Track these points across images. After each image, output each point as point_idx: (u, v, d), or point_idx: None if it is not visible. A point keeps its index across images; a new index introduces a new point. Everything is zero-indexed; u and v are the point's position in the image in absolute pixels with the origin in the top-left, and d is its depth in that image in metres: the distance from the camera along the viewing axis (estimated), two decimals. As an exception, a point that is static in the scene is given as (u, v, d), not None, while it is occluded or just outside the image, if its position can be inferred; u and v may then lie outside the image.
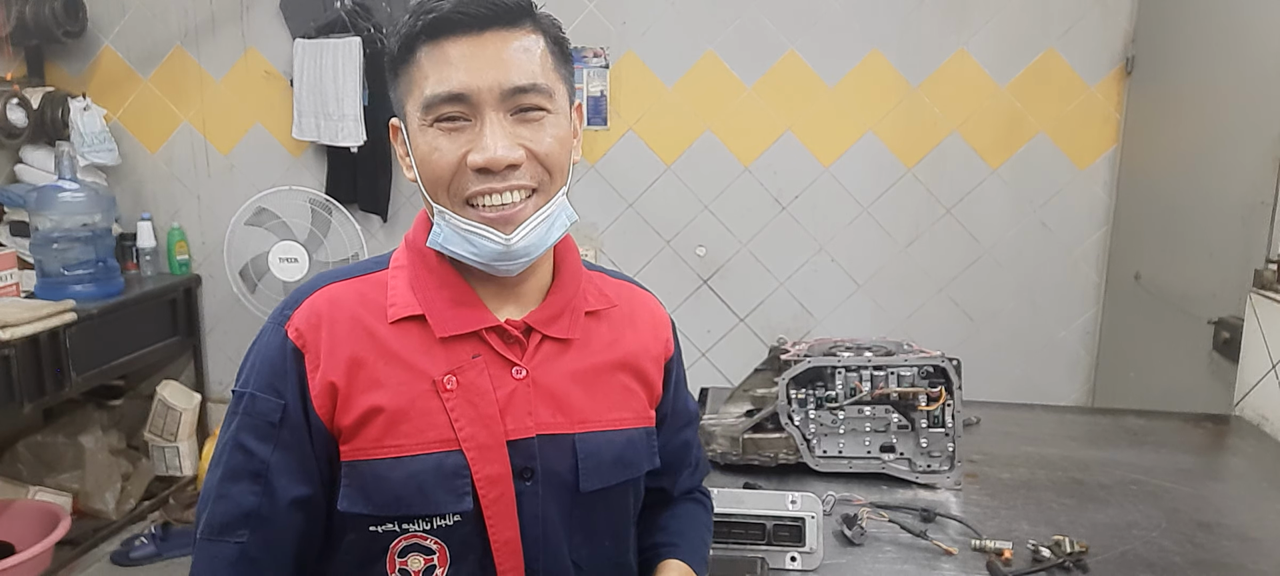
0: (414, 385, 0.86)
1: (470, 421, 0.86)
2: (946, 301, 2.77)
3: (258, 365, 0.87)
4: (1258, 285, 1.70)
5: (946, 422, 1.30)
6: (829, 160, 2.73)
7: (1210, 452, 1.53)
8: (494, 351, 0.89)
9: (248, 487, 0.85)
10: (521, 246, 0.85)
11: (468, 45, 0.82)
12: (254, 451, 0.85)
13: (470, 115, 0.83)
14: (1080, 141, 2.62)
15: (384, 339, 0.87)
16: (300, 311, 0.88)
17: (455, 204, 0.85)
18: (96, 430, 2.84)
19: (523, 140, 0.84)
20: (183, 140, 2.98)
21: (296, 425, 0.86)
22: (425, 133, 0.84)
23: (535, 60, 0.85)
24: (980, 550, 1.11)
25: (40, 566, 2.38)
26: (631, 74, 2.75)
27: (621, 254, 2.85)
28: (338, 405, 0.86)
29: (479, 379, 0.87)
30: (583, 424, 0.91)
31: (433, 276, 0.90)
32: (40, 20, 2.70)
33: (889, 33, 2.63)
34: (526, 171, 0.84)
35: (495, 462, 0.87)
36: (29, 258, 2.66)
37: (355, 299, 0.89)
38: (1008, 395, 2.44)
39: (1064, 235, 2.68)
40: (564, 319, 0.93)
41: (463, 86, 0.82)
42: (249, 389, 0.87)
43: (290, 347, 0.86)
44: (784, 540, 1.08)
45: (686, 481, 1.08)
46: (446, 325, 0.88)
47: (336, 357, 0.86)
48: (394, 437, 0.85)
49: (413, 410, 0.86)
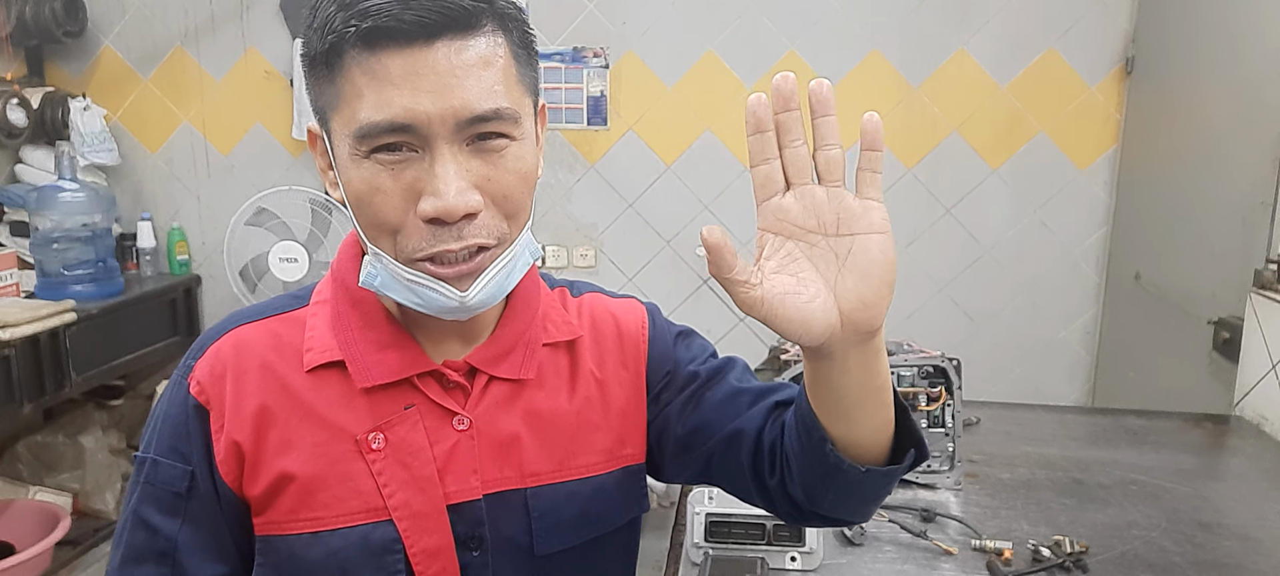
0: (332, 446, 0.74)
1: (402, 486, 0.74)
2: (946, 301, 2.77)
3: (160, 425, 0.75)
4: (1258, 285, 1.70)
5: (946, 422, 1.30)
6: (829, 160, 2.73)
7: (1210, 452, 1.53)
8: (430, 400, 0.76)
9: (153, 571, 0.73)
10: (477, 301, 0.70)
11: (413, 59, 0.64)
12: (159, 527, 0.73)
13: (417, 146, 0.66)
14: (1080, 141, 2.62)
15: (297, 390, 0.74)
16: (203, 361, 0.75)
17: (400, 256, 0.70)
18: (96, 430, 2.84)
19: (480, 179, 0.68)
20: (183, 140, 2.98)
21: (205, 495, 0.74)
22: (360, 166, 0.67)
23: (497, 74, 0.68)
24: (980, 550, 1.11)
25: (40, 566, 2.37)
26: (631, 74, 2.75)
27: (621, 254, 2.85)
28: (245, 470, 0.74)
29: (412, 434, 0.74)
30: (535, 477, 0.79)
31: (356, 314, 0.76)
32: (40, 20, 2.70)
33: (889, 33, 2.63)
34: (484, 223, 0.69)
35: (434, 532, 0.74)
36: (29, 258, 2.65)
37: (266, 342, 0.76)
38: (1008, 395, 2.45)
39: (1064, 235, 2.68)
40: (515, 355, 0.79)
41: (408, 115, 0.65)
42: (151, 453, 0.75)
43: (192, 403, 0.74)
44: (784, 540, 1.08)
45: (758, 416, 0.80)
46: (370, 373, 0.74)
47: (242, 414, 0.73)
48: (310, 509, 0.73)
49: (331, 475, 0.73)
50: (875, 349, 0.66)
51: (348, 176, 0.69)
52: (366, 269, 0.73)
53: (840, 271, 0.63)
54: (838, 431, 0.69)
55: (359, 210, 0.70)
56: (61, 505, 2.61)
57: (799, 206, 0.63)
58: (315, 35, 0.68)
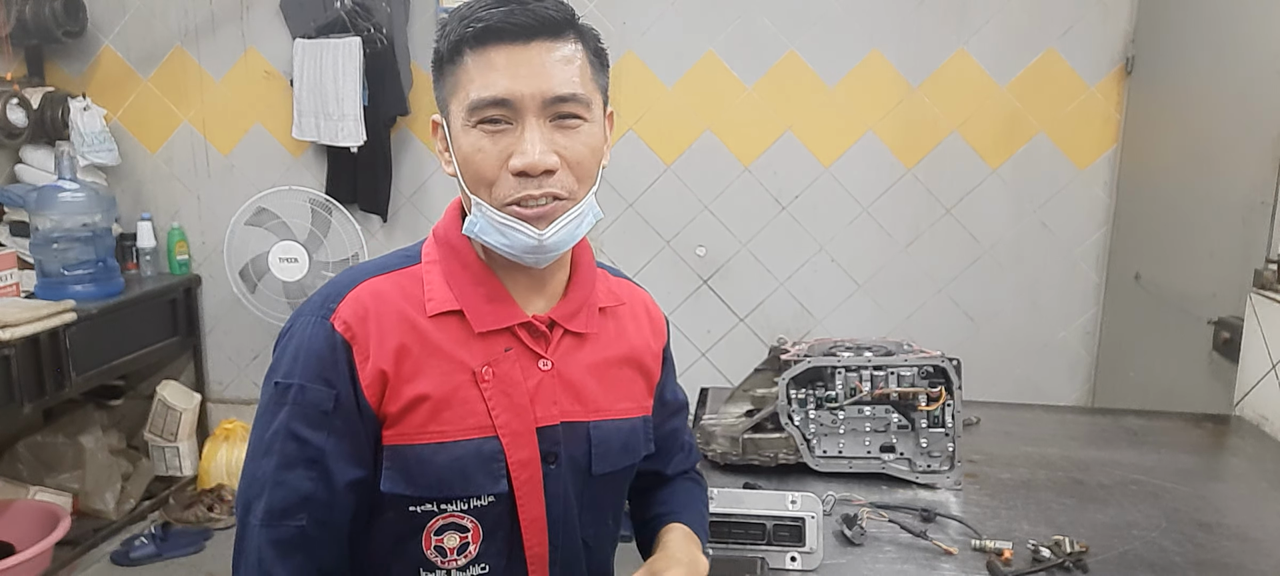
0: (455, 375, 0.91)
1: (505, 409, 0.92)
2: (946, 301, 2.77)
3: (303, 357, 0.90)
4: (1258, 285, 1.70)
5: (946, 422, 1.30)
6: (829, 160, 2.73)
7: (1210, 452, 1.53)
8: (523, 344, 0.95)
9: (304, 473, 0.89)
10: (553, 242, 0.89)
11: (514, 53, 0.86)
12: (309, 439, 0.89)
13: (512, 119, 0.87)
14: (1080, 141, 2.62)
15: (425, 331, 0.92)
16: (345, 304, 0.91)
17: (494, 202, 0.89)
18: (96, 430, 2.84)
19: (558, 147, 0.88)
20: (183, 140, 2.98)
21: (349, 413, 0.89)
22: (469, 133, 0.88)
23: (576, 71, 0.90)
24: (980, 550, 1.11)
25: (40, 566, 2.38)
26: (631, 74, 2.75)
27: (621, 254, 2.85)
28: (387, 392, 0.90)
29: (511, 370, 0.93)
30: (597, 412, 0.98)
31: (468, 273, 0.95)
32: (40, 20, 2.70)
33: (889, 33, 2.63)
34: (559, 179, 0.89)
35: (526, 447, 0.93)
36: (29, 258, 2.66)
37: (397, 292, 0.93)
38: (1008, 395, 2.45)
39: (1064, 235, 2.68)
40: (582, 315, 0.99)
41: (507, 92, 0.86)
42: (296, 380, 0.90)
43: (339, 339, 0.89)
44: (784, 540, 1.08)
45: (679, 463, 1.15)
46: (483, 320, 0.93)
47: (385, 348, 0.90)
48: (438, 424, 0.90)
49: (455, 398, 0.91)
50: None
51: (459, 143, 0.90)
52: (469, 219, 0.92)
53: None
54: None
55: (465, 167, 0.90)
56: (61, 505, 2.61)
57: None
58: (443, 42, 0.90)
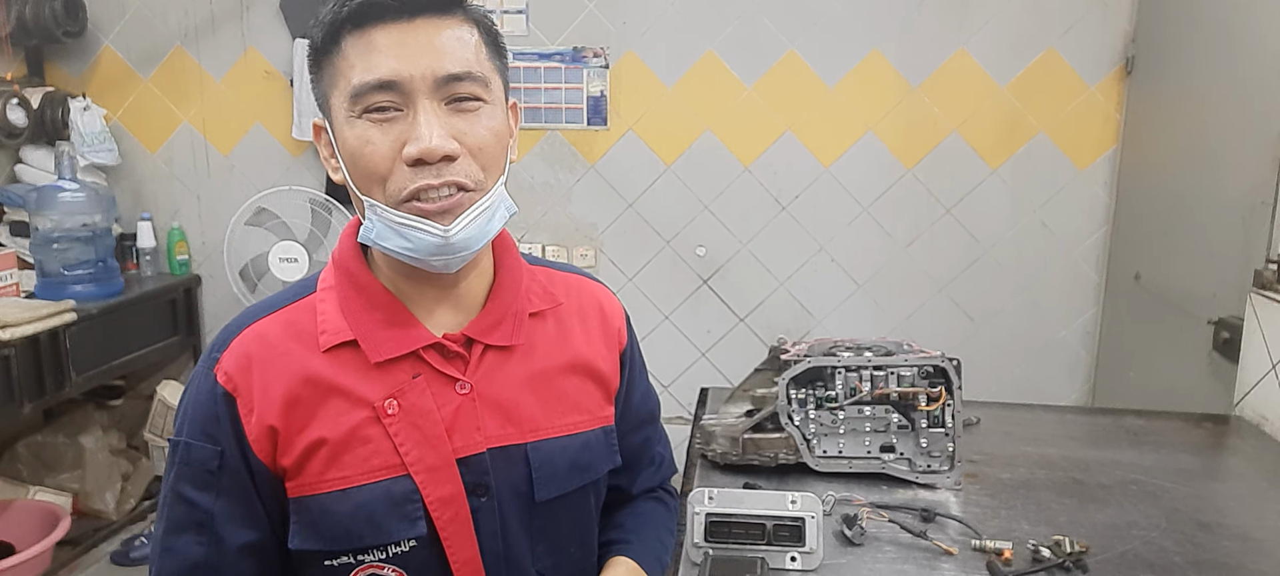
0: (353, 414, 0.83)
1: (416, 444, 0.84)
2: (946, 301, 2.77)
3: (190, 412, 0.84)
4: (1258, 285, 1.70)
5: (946, 422, 1.30)
6: (829, 160, 2.73)
7: (1210, 452, 1.53)
8: (433, 369, 0.86)
9: (193, 538, 0.83)
10: (461, 238, 0.81)
11: (397, 32, 0.78)
12: (195, 501, 0.83)
13: (402, 104, 0.79)
14: (1080, 141, 2.62)
15: (318, 370, 0.84)
16: (228, 354, 0.84)
17: (390, 201, 0.81)
18: (96, 430, 2.84)
19: (457, 132, 0.80)
20: (183, 140, 2.98)
21: (236, 470, 0.83)
22: (353, 125, 0.79)
23: (469, 48, 0.81)
24: (980, 550, 1.11)
25: (40, 566, 2.38)
26: (631, 74, 2.75)
27: (621, 254, 2.85)
28: (279, 446, 0.83)
29: (421, 399, 0.85)
30: (534, 432, 0.90)
31: (361, 297, 0.86)
32: (40, 20, 2.70)
33: (889, 33, 2.63)
34: (461, 167, 0.80)
35: (446, 483, 0.85)
36: (29, 258, 2.66)
37: (284, 332, 0.85)
38: (1008, 395, 2.45)
39: (1064, 235, 2.68)
40: (505, 325, 0.90)
41: (393, 73, 0.77)
42: (183, 437, 0.84)
43: (221, 392, 0.83)
44: (784, 540, 1.08)
45: (647, 480, 1.07)
46: (380, 348, 0.84)
47: (270, 398, 0.82)
48: (338, 470, 0.83)
49: (354, 439, 0.83)
50: None
51: (344, 138, 0.81)
52: (364, 226, 0.83)
53: None
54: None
55: (353, 165, 0.81)
56: (61, 505, 2.61)
57: None
58: (317, 30, 0.81)
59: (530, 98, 2.77)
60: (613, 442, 0.97)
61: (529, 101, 2.78)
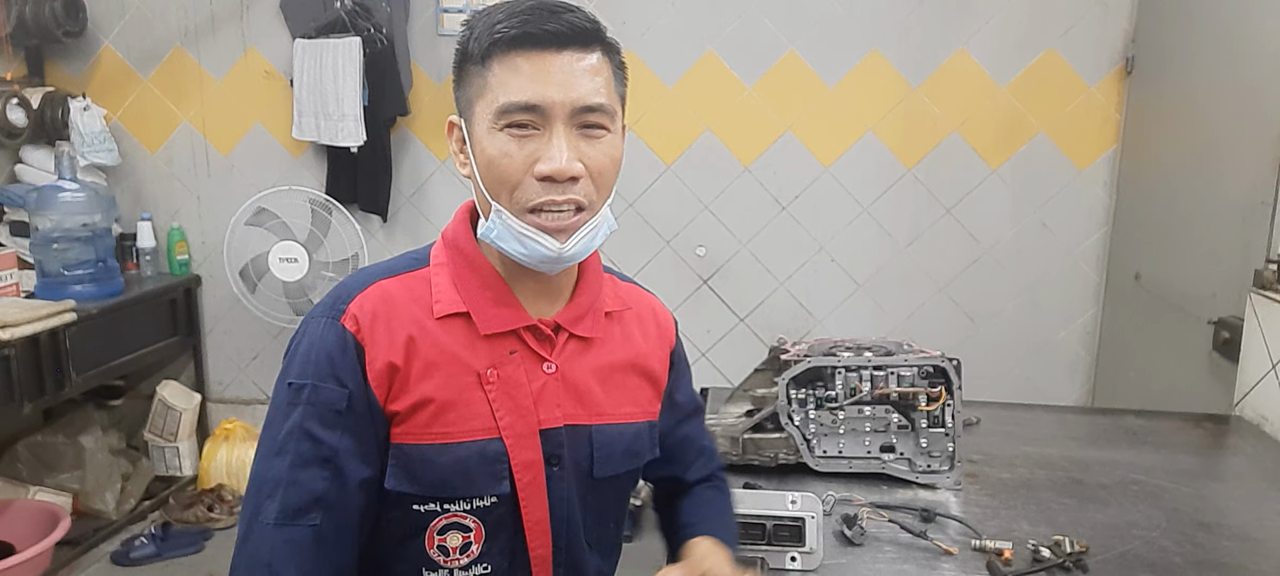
0: (460, 377, 0.93)
1: (509, 411, 0.93)
2: (946, 301, 2.77)
3: (315, 357, 0.91)
4: (1258, 285, 1.70)
5: (946, 422, 1.30)
6: (829, 160, 2.73)
7: (1210, 452, 1.53)
8: (528, 347, 0.96)
9: (318, 473, 0.90)
10: (572, 254, 0.91)
11: (546, 60, 0.88)
12: (322, 438, 0.90)
13: (540, 125, 0.88)
14: (1080, 141, 2.62)
15: (432, 332, 0.93)
16: (355, 304, 0.93)
17: (516, 208, 0.90)
18: (96, 430, 2.84)
19: (583, 155, 0.89)
20: (183, 140, 2.98)
21: (361, 411, 0.91)
22: (494, 136, 0.89)
23: (603, 82, 0.91)
24: (980, 550, 1.11)
25: (40, 566, 2.38)
26: (631, 74, 2.72)
27: (621, 254, 2.85)
28: (393, 389, 0.91)
29: (516, 372, 0.94)
30: (599, 416, 0.99)
31: (475, 276, 0.96)
32: (40, 20, 2.70)
33: (889, 33, 2.63)
34: (582, 187, 0.90)
35: (529, 449, 0.94)
36: (29, 258, 2.65)
37: (405, 294, 0.95)
38: (1008, 395, 2.44)
39: (1064, 235, 2.68)
40: (588, 319, 1.00)
41: (540, 98, 0.87)
42: (309, 380, 0.91)
43: (350, 338, 0.91)
44: (784, 540, 1.08)
45: (701, 469, 1.14)
46: (489, 323, 0.94)
47: (395, 344, 0.91)
48: (442, 424, 0.92)
49: (459, 400, 0.92)
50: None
51: (482, 146, 0.90)
52: (486, 224, 0.93)
53: None
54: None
55: (489, 171, 0.90)
56: (61, 505, 2.61)
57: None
58: (475, 41, 0.90)
59: (530, 98, 2.77)
60: (655, 437, 1.06)
61: (529, 101, 2.77)
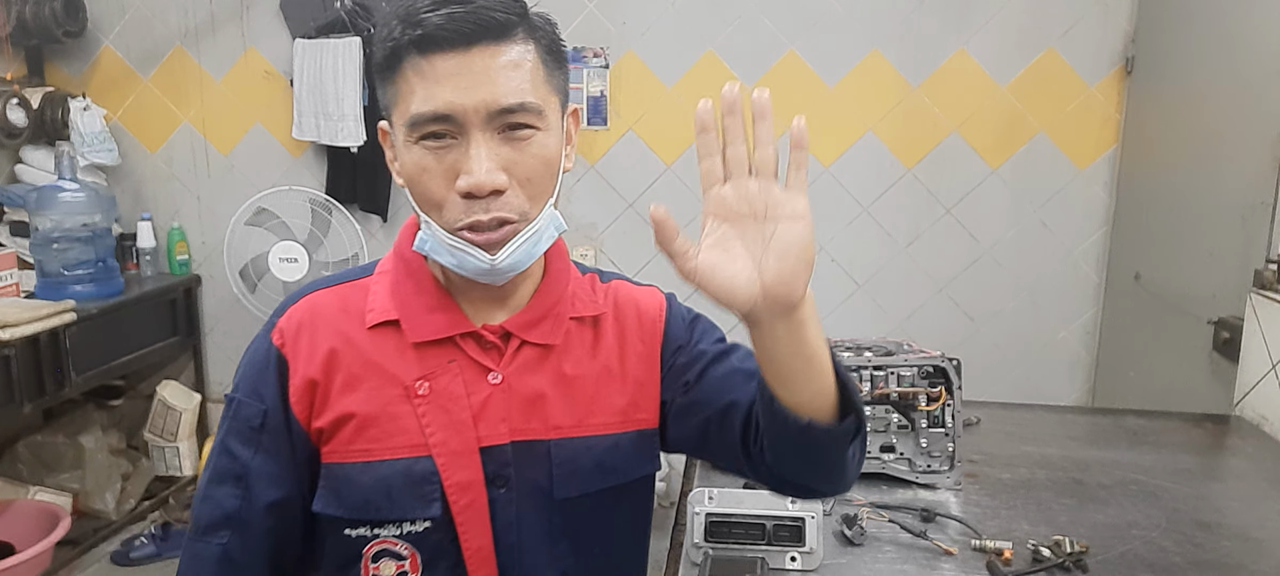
0: (386, 390, 0.87)
1: (441, 427, 0.86)
2: (946, 301, 2.77)
3: (245, 371, 0.90)
4: (1258, 285, 1.70)
5: (946, 422, 1.30)
6: (829, 160, 2.73)
7: (1210, 452, 1.53)
8: (469, 357, 0.88)
9: (230, 490, 0.87)
10: (506, 265, 0.83)
11: (455, 61, 0.79)
12: (237, 455, 0.87)
13: (457, 133, 0.80)
14: (1080, 141, 2.62)
15: (360, 343, 0.88)
16: (285, 317, 0.90)
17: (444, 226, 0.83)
18: (96, 430, 2.84)
19: (507, 162, 0.81)
20: (183, 140, 2.98)
21: (276, 429, 0.87)
22: (411, 150, 0.82)
23: (525, 76, 0.81)
24: (980, 550, 1.11)
25: (40, 566, 2.38)
26: (631, 74, 2.75)
27: (621, 254, 2.85)
28: (315, 404, 0.87)
29: (452, 384, 0.87)
30: (558, 430, 0.90)
31: (412, 282, 0.90)
32: (40, 20, 2.70)
33: (889, 33, 2.63)
34: (509, 201, 0.81)
35: (466, 469, 0.86)
36: (29, 258, 2.66)
37: (336, 305, 0.90)
38: (1008, 395, 2.44)
39: (1064, 235, 2.68)
40: (546, 324, 0.91)
41: (448, 106, 0.78)
42: (238, 394, 0.89)
43: (274, 352, 0.88)
44: (784, 540, 1.08)
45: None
46: (420, 330, 0.88)
47: (315, 358, 0.87)
48: (364, 441, 0.86)
49: (383, 415, 0.86)
50: (800, 321, 0.74)
51: (403, 160, 0.83)
52: (419, 236, 0.86)
53: (765, 250, 0.72)
54: (781, 394, 0.79)
55: (412, 187, 0.83)
56: (61, 505, 2.61)
57: (734, 195, 0.72)
58: (379, 47, 0.83)
59: (530, 98, 2.77)
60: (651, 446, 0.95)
61: (529, 101, 2.78)
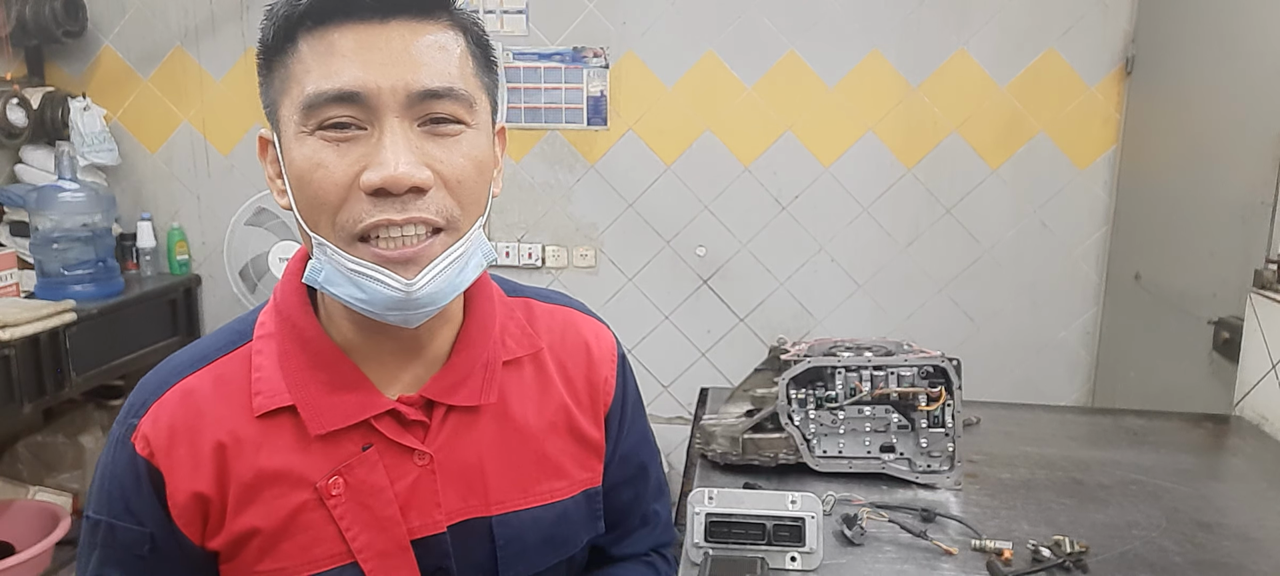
0: (291, 495, 0.71)
1: (365, 528, 0.72)
2: (946, 301, 2.77)
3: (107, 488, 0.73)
4: (1258, 285, 1.70)
5: (946, 422, 1.30)
6: (829, 160, 2.73)
7: (1210, 452, 1.53)
8: (387, 438, 0.73)
9: None
10: (425, 293, 0.67)
11: (366, 34, 0.64)
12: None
13: (365, 121, 0.64)
14: (1080, 141, 2.62)
15: (251, 441, 0.71)
16: (147, 420, 0.72)
17: (341, 237, 0.66)
18: (96, 430, 2.84)
19: (431, 159, 0.66)
20: (183, 140, 2.98)
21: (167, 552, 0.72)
22: (304, 143, 0.65)
23: (453, 60, 0.67)
24: (980, 550, 1.11)
25: (40, 566, 2.37)
26: (631, 74, 2.75)
27: (621, 254, 2.85)
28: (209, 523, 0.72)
29: (371, 475, 0.72)
30: (501, 504, 0.77)
31: (304, 353, 0.73)
32: (40, 20, 2.70)
33: (889, 33, 2.63)
34: (433, 201, 0.66)
35: (400, 569, 0.73)
36: (29, 257, 2.65)
37: (213, 392, 0.73)
38: (1008, 395, 2.45)
39: (1064, 235, 2.68)
40: (472, 381, 0.76)
41: (357, 83, 0.63)
42: (104, 517, 0.73)
43: (143, 466, 0.71)
44: (784, 540, 1.08)
45: (636, 543, 0.93)
46: (323, 419, 0.71)
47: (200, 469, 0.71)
48: (276, 559, 0.72)
49: (295, 526, 0.71)
50: None
51: (291, 158, 0.66)
52: (311, 265, 0.69)
53: None
54: None
55: (300, 190, 0.66)
56: (61, 505, 2.61)
57: None
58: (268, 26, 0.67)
59: (530, 98, 2.77)
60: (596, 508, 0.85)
61: (529, 101, 2.78)
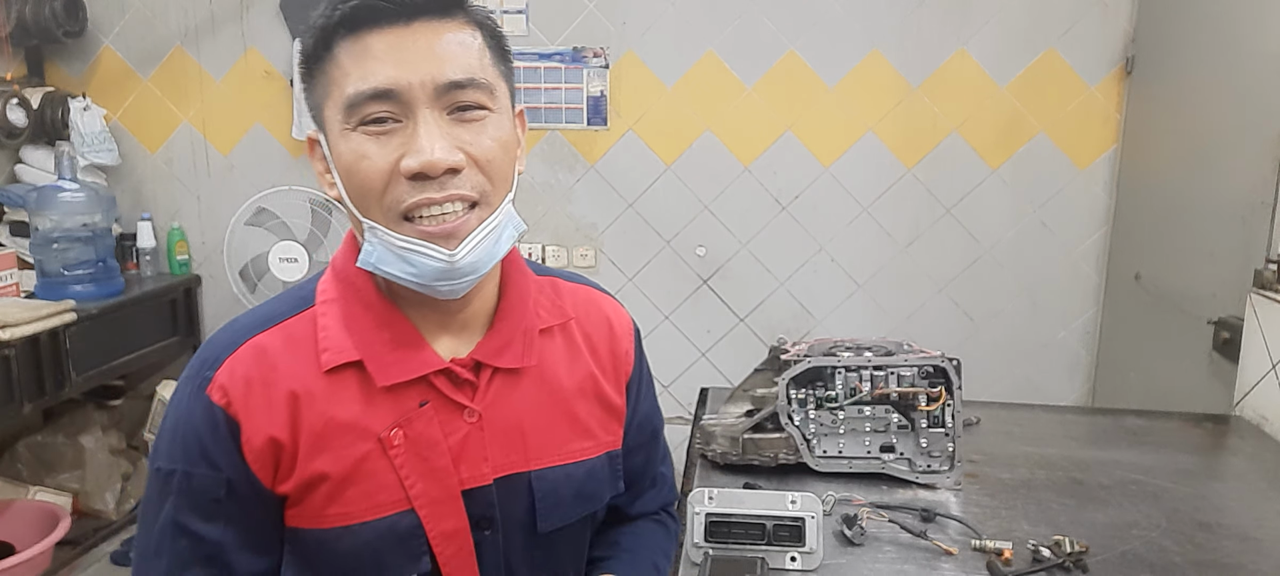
0: (357, 444, 0.78)
1: (421, 477, 0.79)
2: (946, 301, 2.77)
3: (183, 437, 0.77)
4: (1258, 285, 1.70)
5: (946, 422, 1.30)
6: (829, 160, 2.73)
7: (1210, 452, 1.53)
8: (442, 395, 0.81)
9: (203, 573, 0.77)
10: (467, 263, 0.75)
11: (394, 37, 0.72)
12: (202, 534, 0.77)
13: (401, 115, 0.73)
14: (1080, 141, 2.62)
15: (321, 393, 0.78)
16: (223, 371, 0.77)
17: (389, 219, 0.75)
18: (96, 430, 2.84)
19: (462, 143, 0.74)
20: (183, 140, 2.98)
21: (244, 496, 0.77)
22: (349, 138, 0.73)
23: (473, 53, 0.75)
24: (980, 550, 1.11)
25: (40, 566, 2.37)
26: (631, 74, 2.75)
27: (621, 254, 2.85)
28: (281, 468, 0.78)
29: (427, 428, 0.79)
30: (540, 459, 0.85)
31: (369, 314, 0.80)
32: (40, 20, 2.70)
33: (889, 33, 2.63)
34: (466, 179, 0.74)
35: (451, 516, 0.80)
36: (29, 257, 2.65)
37: (285, 348, 0.79)
38: (1008, 395, 2.45)
39: (1064, 235, 2.68)
40: (515, 346, 0.84)
41: (391, 81, 0.71)
42: (180, 466, 0.77)
43: (221, 414, 0.76)
44: (784, 540, 1.08)
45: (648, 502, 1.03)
46: (389, 372, 0.79)
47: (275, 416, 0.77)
48: (341, 504, 0.78)
49: (359, 474, 0.78)
50: None
51: (339, 153, 0.75)
52: (364, 249, 0.77)
53: None
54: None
55: (349, 180, 0.75)
56: (61, 505, 2.61)
57: None
58: (308, 37, 0.76)
59: (530, 98, 2.77)
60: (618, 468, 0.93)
61: (529, 101, 2.78)
